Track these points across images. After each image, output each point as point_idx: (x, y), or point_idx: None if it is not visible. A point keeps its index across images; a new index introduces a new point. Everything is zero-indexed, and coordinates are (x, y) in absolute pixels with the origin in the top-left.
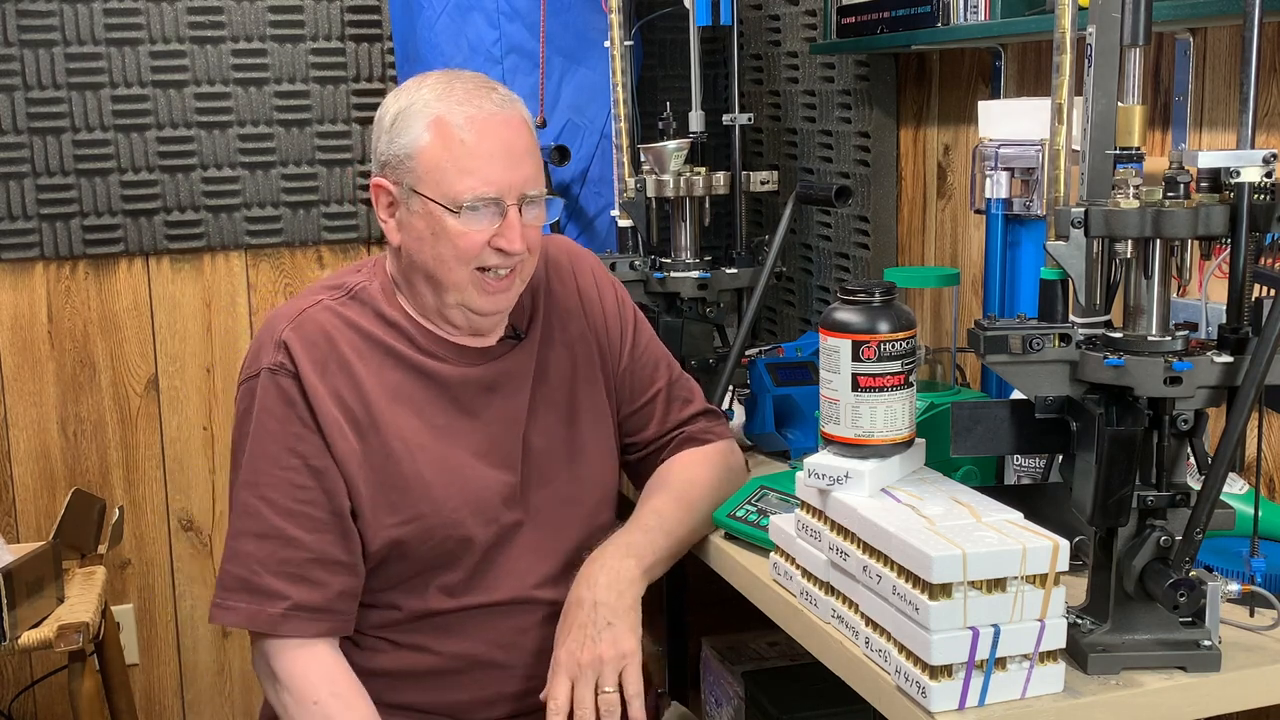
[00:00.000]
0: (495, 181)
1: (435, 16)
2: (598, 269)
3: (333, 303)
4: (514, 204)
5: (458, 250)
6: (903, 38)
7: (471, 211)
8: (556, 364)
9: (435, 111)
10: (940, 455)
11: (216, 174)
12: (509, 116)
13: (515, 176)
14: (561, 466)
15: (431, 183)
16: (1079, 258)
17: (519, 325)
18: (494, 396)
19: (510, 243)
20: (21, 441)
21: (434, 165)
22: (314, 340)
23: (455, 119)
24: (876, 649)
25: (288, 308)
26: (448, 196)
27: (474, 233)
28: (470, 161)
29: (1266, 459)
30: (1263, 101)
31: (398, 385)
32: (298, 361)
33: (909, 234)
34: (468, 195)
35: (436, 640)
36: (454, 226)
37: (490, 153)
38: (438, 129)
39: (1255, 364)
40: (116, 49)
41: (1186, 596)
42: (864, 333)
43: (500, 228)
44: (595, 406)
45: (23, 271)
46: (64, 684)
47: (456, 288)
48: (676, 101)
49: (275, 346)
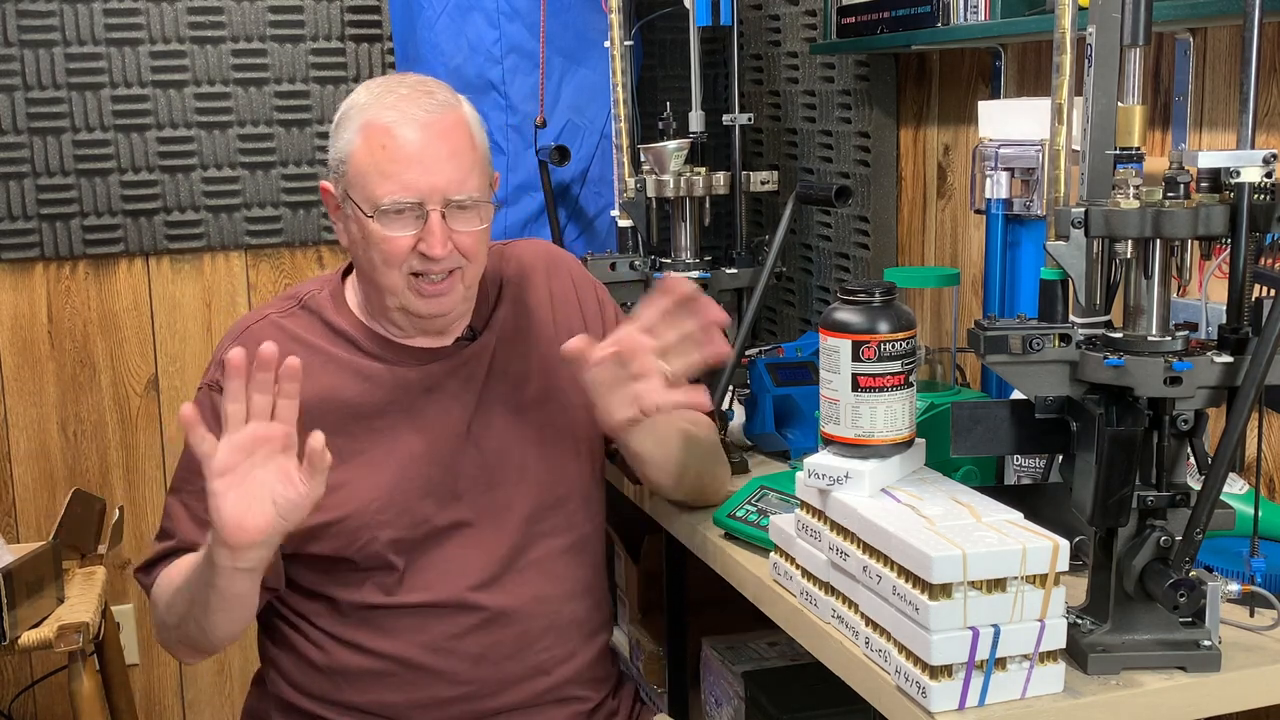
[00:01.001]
0: (413, 186)
1: (435, 16)
2: (577, 272)
3: (279, 316)
4: (436, 209)
5: (383, 255)
6: (903, 38)
7: (389, 216)
8: (516, 366)
9: (366, 115)
10: (940, 455)
11: (216, 174)
12: (441, 120)
13: (437, 180)
14: (515, 468)
15: (358, 187)
16: (1079, 258)
17: (476, 326)
18: (435, 397)
19: (429, 248)
20: (21, 441)
21: (360, 170)
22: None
23: (381, 122)
24: (876, 649)
25: (240, 322)
26: (368, 201)
27: (395, 238)
28: (390, 166)
29: (1266, 459)
30: (1263, 101)
31: (332, 390)
32: None
33: (909, 234)
34: (385, 200)
35: (371, 638)
36: (375, 231)
37: (409, 157)
38: (365, 133)
39: (1255, 364)
40: (116, 49)
41: (1186, 596)
42: (864, 333)
43: (422, 232)
44: (564, 409)
45: (23, 271)
46: (64, 684)
47: (392, 291)
48: (676, 101)
49: (215, 365)
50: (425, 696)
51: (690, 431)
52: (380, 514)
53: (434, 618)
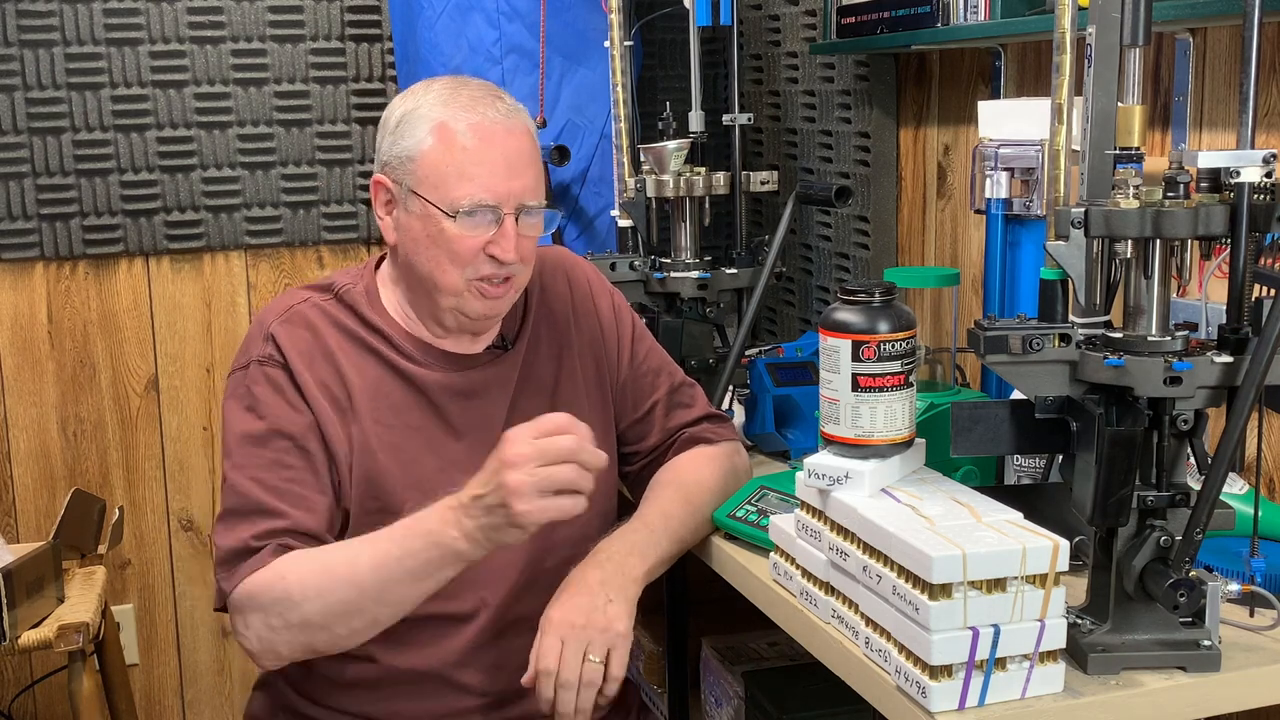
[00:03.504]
0: (494, 189)
1: (435, 17)
2: (595, 280)
3: (320, 300)
4: (510, 213)
5: (452, 254)
6: (903, 38)
7: (468, 217)
8: (543, 375)
9: (440, 116)
10: (940, 455)
11: (216, 174)
12: (513, 126)
13: (514, 186)
14: None
15: (431, 185)
16: (1079, 258)
17: (508, 335)
18: (472, 404)
19: (504, 251)
20: (21, 441)
21: (435, 169)
22: (300, 333)
23: (459, 125)
24: (876, 649)
25: (276, 304)
26: (446, 200)
27: (469, 238)
28: (471, 168)
29: (1266, 459)
30: (1263, 101)
31: (377, 382)
32: (285, 353)
33: (909, 234)
34: (466, 201)
35: (386, 651)
36: (450, 230)
37: (491, 160)
38: (441, 133)
39: (1255, 364)
40: (116, 49)
41: (1186, 596)
42: (864, 333)
43: (495, 235)
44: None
45: (23, 271)
46: (64, 684)
47: (451, 292)
48: (676, 101)
49: (264, 340)
50: (440, 707)
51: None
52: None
53: (452, 628)
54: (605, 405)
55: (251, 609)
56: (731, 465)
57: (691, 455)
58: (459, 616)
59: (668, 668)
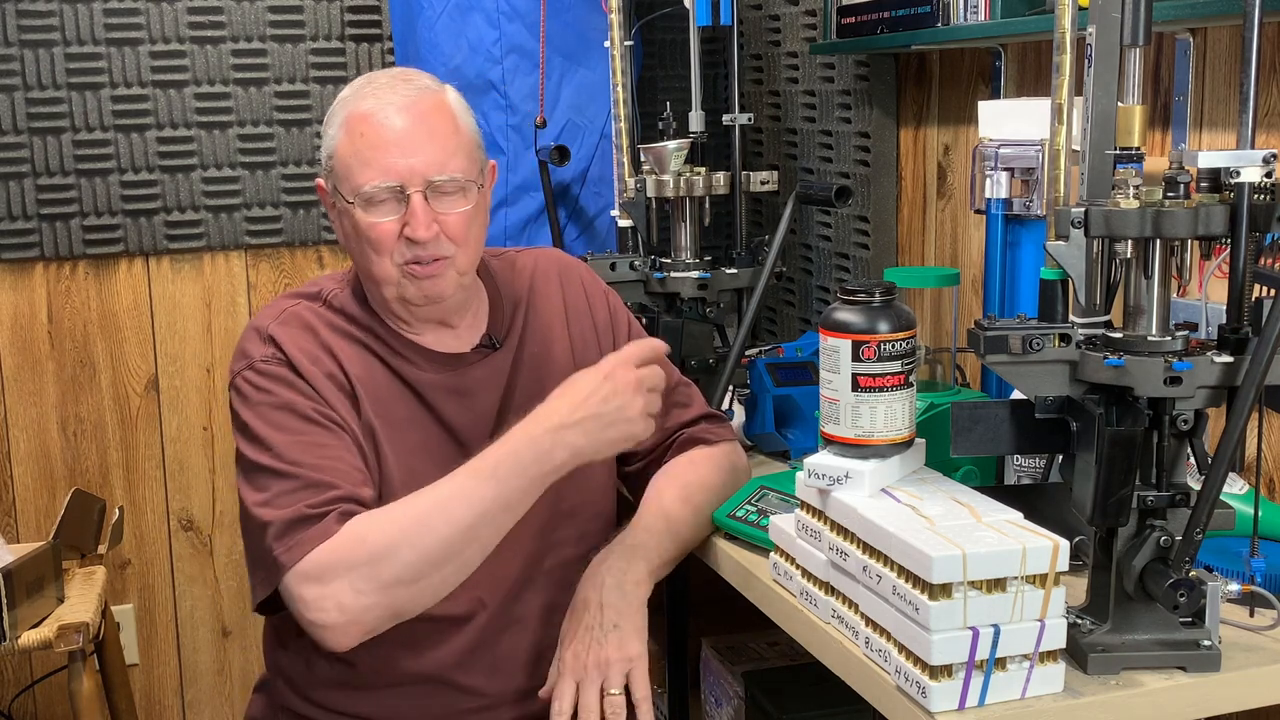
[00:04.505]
0: (392, 170)
1: (435, 16)
2: (589, 282)
3: (310, 304)
4: (418, 190)
5: (371, 243)
6: (903, 38)
7: (373, 204)
8: (534, 375)
9: (348, 108)
10: (940, 455)
11: (216, 174)
12: (418, 103)
13: (415, 162)
14: None
15: (342, 178)
16: (1079, 258)
17: (496, 334)
18: (462, 403)
19: (413, 230)
20: (21, 441)
21: (343, 161)
22: (300, 333)
23: (359, 111)
24: (876, 649)
25: (267, 310)
26: (352, 190)
27: (381, 224)
28: (369, 152)
29: (1266, 459)
30: (1263, 101)
31: (375, 377)
32: (288, 352)
33: (909, 234)
34: (366, 186)
35: (383, 652)
36: (361, 219)
37: (387, 141)
38: (347, 125)
39: (1255, 364)
40: (116, 49)
41: (1186, 596)
42: (864, 333)
43: (405, 215)
44: None
45: (23, 271)
46: (64, 684)
47: (386, 280)
48: (676, 101)
49: (263, 341)
50: (439, 708)
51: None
52: None
53: (450, 629)
54: None
55: (332, 576)
56: (731, 465)
57: (690, 456)
58: (457, 618)
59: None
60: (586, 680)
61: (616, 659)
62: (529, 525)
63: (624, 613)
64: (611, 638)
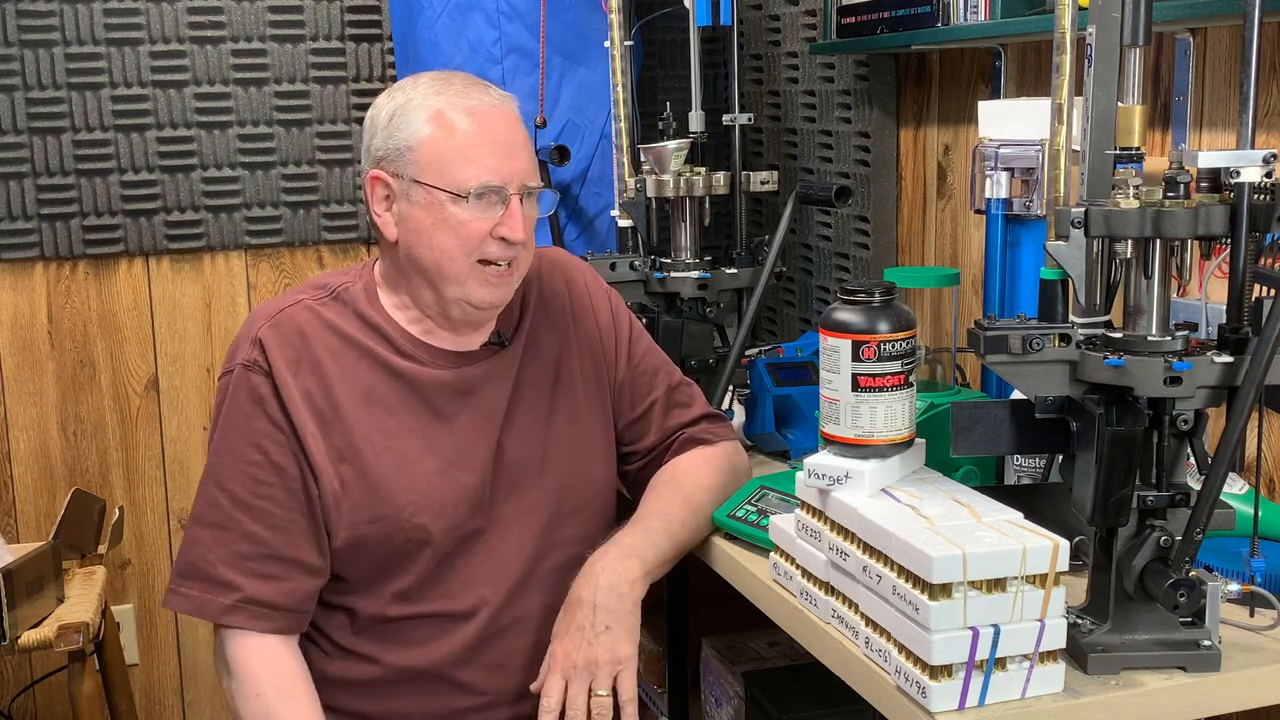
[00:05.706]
0: (499, 170)
1: (435, 16)
2: (591, 280)
3: (314, 303)
4: (516, 193)
5: (459, 239)
6: (903, 38)
7: (477, 199)
8: (540, 374)
9: (435, 105)
10: (940, 455)
11: (216, 174)
12: (506, 110)
13: (516, 166)
14: (536, 476)
15: (435, 172)
16: (1079, 258)
17: (504, 332)
18: (468, 401)
19: (513, 231)
20: (21, 441)
21: (437, 155)
22: (289, 339)
23: (456, 111)
24: (876, 649)
25: (268, 306)
26: (453, 184)
27: (477, 220)
28: (474, 150)
29: (1266, 459)
30: (1263, 101)
31: (370, 386)
32: (271, 359)
33: (909, 234)
34: (473, 182)
35: (387, 650)
36: (457, 214)
37: (491, 142)
38: (439, 121)
39: (1255, 364)
40: (116, 49)
41: (1186, 596)
42: (864, 333)
43: (503, 216)
44: (584, 418)
45: (23, 271)
46: (64, 684)
47: (457, 280)
48: (676, 101)
49: (251, 344)
50: (441, 706)
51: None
52: (416, 516)
53: (451, 627)
54: (603, 404)
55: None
56: (730, 465)
57: (690, 456)
58: (459, 615)
59: (668, 668)
60: (575, 679)
61: (606, 661)
62: (531, 525)
63: (617, 614)
64: (603, 639)
